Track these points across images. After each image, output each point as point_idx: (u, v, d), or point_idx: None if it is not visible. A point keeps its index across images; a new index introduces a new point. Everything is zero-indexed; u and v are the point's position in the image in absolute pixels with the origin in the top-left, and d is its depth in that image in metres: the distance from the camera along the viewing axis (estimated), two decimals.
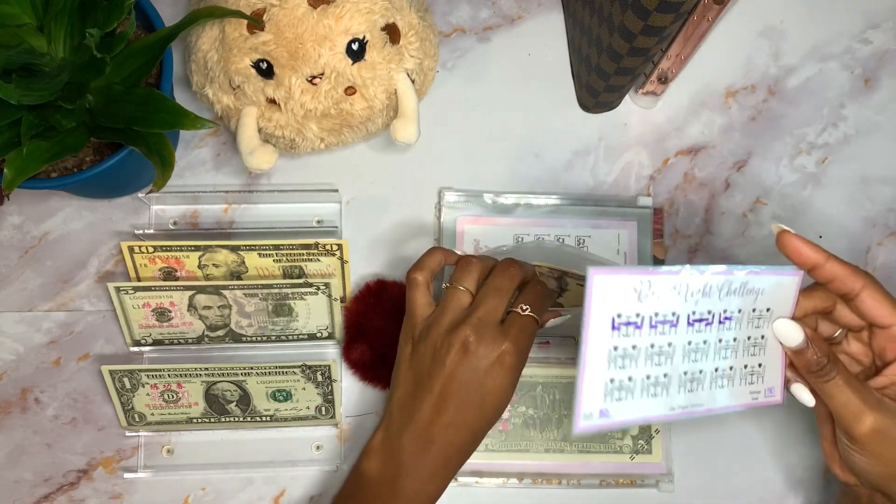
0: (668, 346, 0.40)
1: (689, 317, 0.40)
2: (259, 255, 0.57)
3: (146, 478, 0.56)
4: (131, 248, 0.56)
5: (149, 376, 0.54)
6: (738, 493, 0.58)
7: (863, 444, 0.42)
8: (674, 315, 0.40)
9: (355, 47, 0.52)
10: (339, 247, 0.57)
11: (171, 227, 0.60)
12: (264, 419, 0.57)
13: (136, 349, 0.58)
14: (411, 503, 0.45)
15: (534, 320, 0.46)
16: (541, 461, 0.58)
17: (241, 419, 0.56)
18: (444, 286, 0.47)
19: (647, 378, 0.40)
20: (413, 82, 0.56)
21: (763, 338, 0.44)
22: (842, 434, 0.43)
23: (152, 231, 0.59)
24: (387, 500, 0.44)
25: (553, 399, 0.58)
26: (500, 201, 0.61)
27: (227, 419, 0.56)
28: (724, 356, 0.42)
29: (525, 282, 0.48)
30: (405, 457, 0.44)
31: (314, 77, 0.52)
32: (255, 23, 0.51)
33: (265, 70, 0.52)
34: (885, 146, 0.65)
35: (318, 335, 0.58)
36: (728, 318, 0.42)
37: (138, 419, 0.56)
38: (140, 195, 0.60)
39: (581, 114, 0.65)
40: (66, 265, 0.59)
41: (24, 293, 0.59)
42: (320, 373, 0.55)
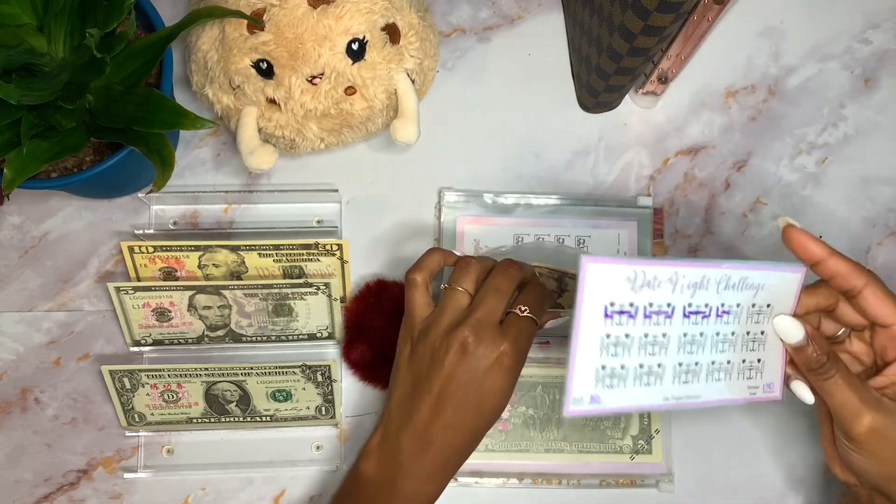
0: (663, 336, 0.40)
1: (685, 308, 0.40)
2: (259, 255, 0.57)
3: (146, 478, 0.56)
4: (131, 248, 0.56)
5: (149, 376, 0.54)
6: (738, 492, 0.58)
7: (860, 443, 0.42)
8: (669, 306, 0.40)
9: (355, 47, 0.52)
10: (339, 247, 0.57)
11: (171, 227, 0.60)
12: (264, 419, 0.57)
13: (136, 349, 0.58)
14: None
15: (533, 321, 0.46)
16: (541, 461, 0.58)
17: (241, 419, 0.57)
18: (442, 287, 0.47)
19: (641, 367, 0.40)
20: (413, 82, 0.56)
21: (763, 333, 0.44)
22: (840, 433, 0.43)
23: (152, 231, 0.59)
24: (385, 500, 0.44)
25: (553, 399, 0.58)
26: (500, 201, 0.61)
27: (227, 419, 0.56)
28: (722, 350, 0.42)
29: (524, 283, 0.48)
30: (403, 457, 0.44)
31: (314, 77, 0.52)
32: (255, 23, 0.51)
33: (265, 70, 0.52)
34: (885, 146, 0.65)
35: (318, 335, 0.58)
36: (726, 312, 0.42)
37: (138, 419, 0.56)
38: (140, 195, 0.60)
39: (581, 114, 0.65)
40: (66, 265, 0.59)
41: (24, 293, 0.59)
42: (320, 373, 0.55)
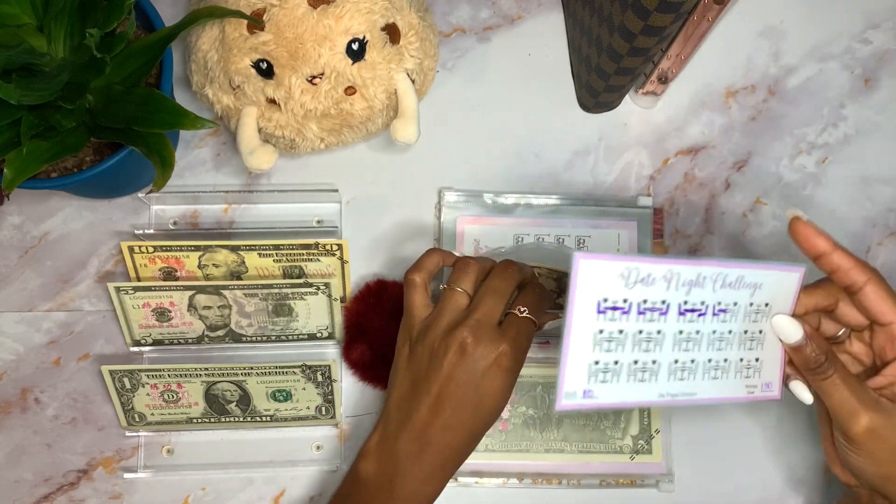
0: (658, 333, 0.40)
1: (680, 306, 0.40)
2: (259, 255, 0.57)
3: (146, 478, 0.56)
4: (131, 248, 0.56)
5: (149, 376, 0.54)
6: (738, 492, 0.58)
7: (858, 443, 0.42)
8: (664, 303, 0.40)
9: (355, 47, 0.52)
10: (339, 247, 0.57)
11: (171, 227, 0.60)
12: (264, 419, 0.57)
13: (136, 349, 0.58)
14: None
15: (531, 322, 0.46)
16: (541, 461, 0.58)
17: (241, 419, 0.57)
18: (441, 287, 0.47)
19: (635, 363, 0.40)
20: (413, 82, 0.56)
21: (761, 332, 0.44)
22: (838, 433, 0.43)
23: (152, 231, 0.59)
24: (384, 500, 0.44)
25: (553, 399, 0.58)
26: (500, 201, 0.61)
27: (227, 419, 0.56)
28: (719, 348, 0.42)
29: (523, 283, 0.48)
30: (402, 458, 0.44)
31: (314, 77, 0.52)
32: (255, 23, 0.51)
33: (265, 70, 0.52)
34: (885, 146, 0.65)
35: (318, 335, 0.58)
36: (723, 311, 0.42)
37: (138, 419, 0.56)
38: (140, 195, 0.60)
39: (581, 114, 0.65)
40: (66, 265, 0.59)
41: (24, 293, 0.59)
42: (320, 373, 0.55)
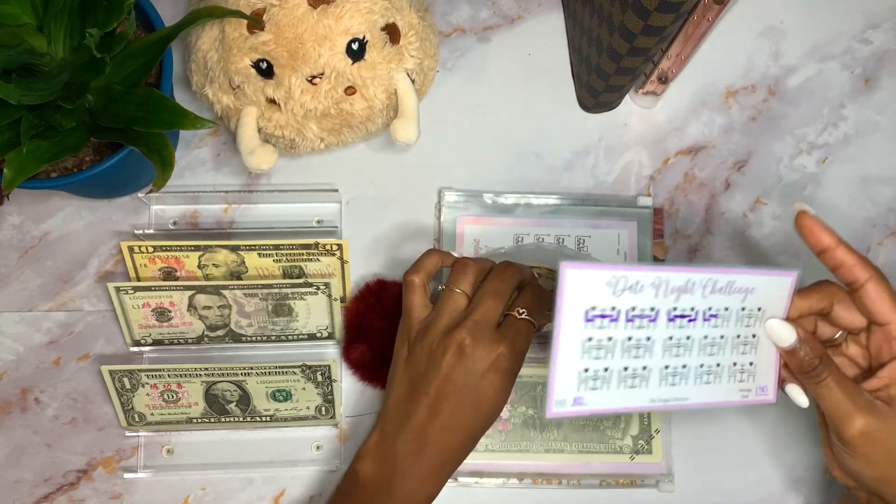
0: (647, 339, 0.40)
1: (669, 312, 0.40)
2: (259, 255, 0.57)
3: (146, 478, 0.56)
4: (131, 248, 0.56)
5: (149, 376, 0.54)
6: (738, 493, 0.58)
7: (853, 446, 0.41)
8: (652, 310, 0.40)
9: (355, 47, 0.52)
10: (339, 247, 0.57)
11: (171, 227, 0.60)
12: (264, 419, 0.57)
13: (136, 349, 0.58)
14: None
15: (530, 323, 0.46)
16: (541, 461, 0.58)
17: (241, 419, 0.57)
18: (439, 288, 0.47)
19: (625, 370, 0.40)
20: (413, 82, 0.56)
21: (755, 337, 0.44)
22: (834, 436, 0.43)
23: (152, 231, 0.59)
24: (382, 501, 0.44)
25: None
26: (500, 201, 0.61)
27: (227, 419, 0.56)
28: (711, 353, 0.43)
29: (522, 284, 0.47)
30: (400, 459, 0.44)
31: (314, 77, 0.52)
32: (255, 23, 0.51)
33: (265, 70, 0.52)
34: (885, 146, 0.65)
35: (318, 335, 0.58)
36: (714, 316, 0.42)
37: (138, 419, 0.56)
38: (140, 195, 0.60)
39: (581, 114, 0.65)
40: (66, 265, 0.59)
41: (24, 293, 0.59)
42: (320, 373, 0.55)
